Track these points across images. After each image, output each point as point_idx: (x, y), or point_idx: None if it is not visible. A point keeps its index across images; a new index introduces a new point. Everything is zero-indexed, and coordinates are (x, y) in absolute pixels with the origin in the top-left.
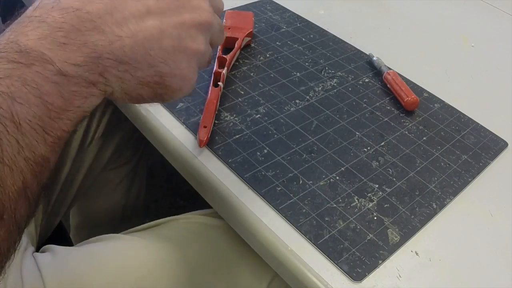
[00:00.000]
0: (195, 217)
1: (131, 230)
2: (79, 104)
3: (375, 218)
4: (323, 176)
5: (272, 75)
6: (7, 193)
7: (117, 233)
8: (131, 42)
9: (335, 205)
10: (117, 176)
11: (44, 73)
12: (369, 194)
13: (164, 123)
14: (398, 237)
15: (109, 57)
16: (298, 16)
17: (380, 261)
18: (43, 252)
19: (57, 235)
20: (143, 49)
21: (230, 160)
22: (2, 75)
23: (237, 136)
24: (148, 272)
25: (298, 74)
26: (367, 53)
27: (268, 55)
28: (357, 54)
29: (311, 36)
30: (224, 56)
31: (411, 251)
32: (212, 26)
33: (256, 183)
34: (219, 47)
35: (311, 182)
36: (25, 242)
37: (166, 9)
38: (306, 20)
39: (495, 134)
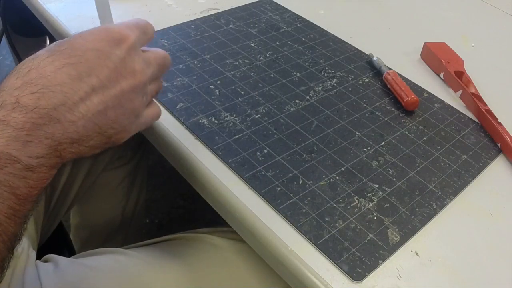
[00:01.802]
0: (201, 236)
1: (136, 244)
2: (42, 185)
3: (375, 218)
4: (323, 176)
5: (272, 75)
6: None
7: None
8: (82, 123)
9: (335, 205)
10: (118, 176)
11: (13, 172)
12: (369, 194)
13: (164, 123)
14: (398, 237)
15: (65, 141)
16: (298, 16)
17: (380, 261)
18: (46, 261)
19: (57, 235)
20: (93, 125)
21: (230, 160)
22: None
23: (237, 136)
24: None
25: (298, 74)
26: (367, 53)
27: (268, 55)
28: (357, 54)
29: (311, 36)
30: None
31: (411, 251)
32: (146, 84)
33: (256, 183)
34: None
35: (311, 182)
36: (26, 244)
37: (107, 82)
38: (306, 20)
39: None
